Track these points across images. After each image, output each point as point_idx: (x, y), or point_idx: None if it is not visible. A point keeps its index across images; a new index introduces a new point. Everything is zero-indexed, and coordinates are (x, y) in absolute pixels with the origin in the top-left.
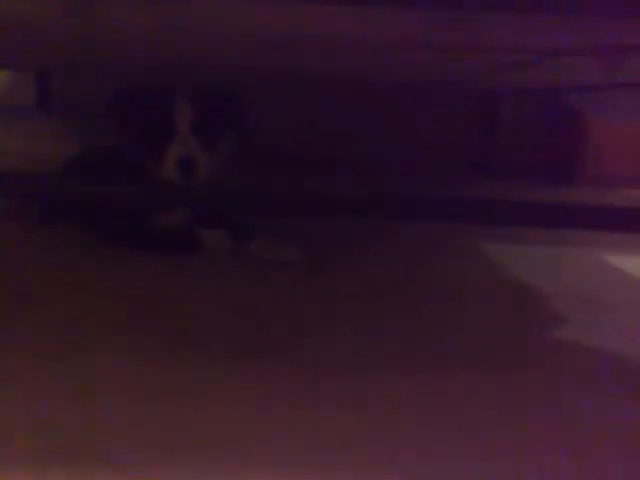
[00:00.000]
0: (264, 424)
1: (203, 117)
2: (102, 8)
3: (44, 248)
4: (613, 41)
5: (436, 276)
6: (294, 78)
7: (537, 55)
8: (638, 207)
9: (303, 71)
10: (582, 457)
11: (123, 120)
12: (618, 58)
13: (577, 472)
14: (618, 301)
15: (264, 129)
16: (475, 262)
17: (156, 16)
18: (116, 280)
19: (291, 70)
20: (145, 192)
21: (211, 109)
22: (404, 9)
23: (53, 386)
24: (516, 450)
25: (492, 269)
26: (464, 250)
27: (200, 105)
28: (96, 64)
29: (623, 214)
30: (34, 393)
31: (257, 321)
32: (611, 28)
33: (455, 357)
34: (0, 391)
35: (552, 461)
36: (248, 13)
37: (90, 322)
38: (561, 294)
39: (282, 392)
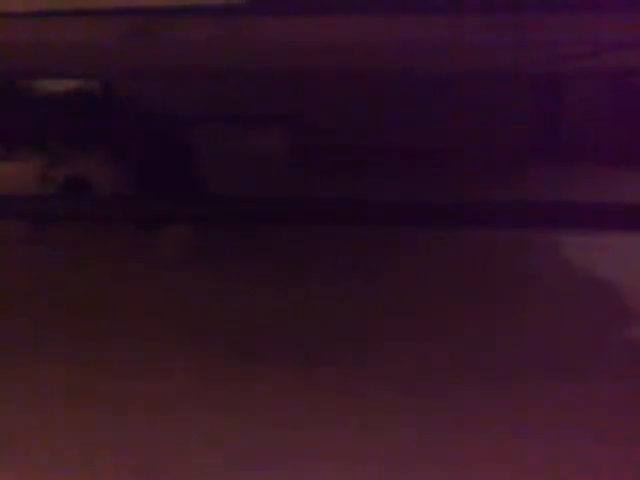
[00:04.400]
0: (292, 441)
1: None
2: (165, 30)
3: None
4: None
5: (505, 271)
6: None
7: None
8: None
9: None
10: None
11: None
12: None
13: None
14: None
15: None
16: (549, 256)
17: (214, 33)
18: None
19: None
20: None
21: None
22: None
23: (100, 398)
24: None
25: (567, 263)
26: (537, 241)
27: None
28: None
29: None
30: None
31: (286, 335)
32: None
33: (526, 363)
34: (32, 402)
35: None
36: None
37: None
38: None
39: (312, 409)
